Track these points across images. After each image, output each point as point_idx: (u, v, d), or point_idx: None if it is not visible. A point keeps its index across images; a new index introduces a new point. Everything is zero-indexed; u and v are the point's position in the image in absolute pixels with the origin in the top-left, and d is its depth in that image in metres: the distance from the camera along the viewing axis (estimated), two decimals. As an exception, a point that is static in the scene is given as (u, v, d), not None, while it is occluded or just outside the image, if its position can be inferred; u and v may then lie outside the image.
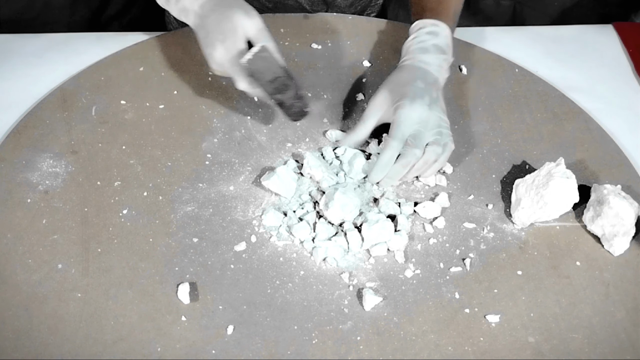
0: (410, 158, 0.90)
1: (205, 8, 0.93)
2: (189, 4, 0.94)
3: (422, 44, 0.99)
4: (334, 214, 0.88)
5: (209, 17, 0.92)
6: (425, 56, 0.98)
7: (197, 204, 0.91)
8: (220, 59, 0.91)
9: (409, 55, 0.99)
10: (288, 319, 0.81)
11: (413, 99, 0.92)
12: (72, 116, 1.00)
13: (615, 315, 0.83)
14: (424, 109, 0.91)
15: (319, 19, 1.18)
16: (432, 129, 0.92)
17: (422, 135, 0.91)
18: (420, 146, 0.90)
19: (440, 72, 0.97)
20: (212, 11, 0.92)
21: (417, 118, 0.91)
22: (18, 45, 1.14)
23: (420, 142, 0.91)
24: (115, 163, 0.95)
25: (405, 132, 0.91)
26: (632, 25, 1.28)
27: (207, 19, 0.92)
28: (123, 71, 1.07)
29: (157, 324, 0.80)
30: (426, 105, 0.92)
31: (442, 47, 0.99)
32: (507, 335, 0.81)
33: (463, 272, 0.86)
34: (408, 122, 0.91)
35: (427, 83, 0.95)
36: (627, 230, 0.89)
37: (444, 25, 1.01)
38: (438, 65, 0.97)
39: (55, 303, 0.80)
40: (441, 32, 1.00)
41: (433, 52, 0.98)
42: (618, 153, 1.01)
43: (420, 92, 0.93)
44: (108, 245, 0.86)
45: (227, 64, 0.91)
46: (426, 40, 0.99)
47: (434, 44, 0.99)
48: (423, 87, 0.94)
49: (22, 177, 0.92)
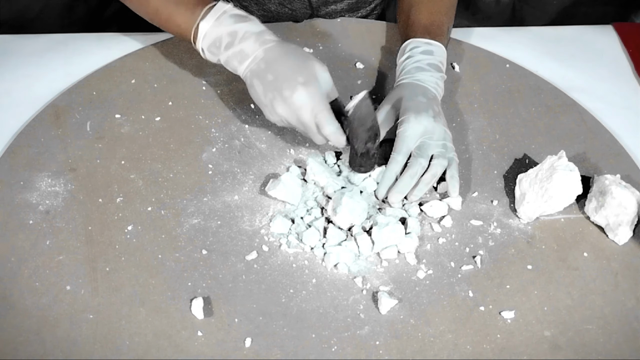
0: (416, 168, 0.90)
1: (272, 53, 0.89)
2: (250, 49, 0.89)
3: (418, 63, 0.99)
4: (343, 218, 0.87)
5: (281, 62, 0.88)
6: (422, 74, 0.98)
7: (203, 216, 0.90)
8: (301, 101, 0.86)
9: (406, 74, 0.99)
10: (305, 327, 0.80)
11: (418, 112, 0.92)
12: (67, 133, 0.98)
13: (626, 304, 0.84)
14: (430, 121, 0.92)
15: (309, 24, 1.17)
16: (437, 141, 0.92)
17: (427, 146, 0.91)
18: (425, 156, 0.91)
19: (437, 89, 0.98)
20: (283, 56, 0.88)
21: (422, 131, 0.92)
22: (18, 45, 1.12)
23: (425, 152, 0.91)
24: (115, 179, 0.93)
25: (409, 145, 0.91)
26: (632, 25, 1.29)
27: (277, 64, 0.88)
28: (115, 84, 1.05)
29: (173, 341, 0.78)
30: (431, 117, 0.93)
31: (437, 65, 1.00)
32: (523, 331, 0.81)
33: (474, 270, 0.87)
34: (413, 135, 0.91)
35: (429, 98, 0.96)
36: (630, 219, 0.90)
37: (437, 44, 1.01)
38: (435, 83, 0.98)
39: (67, 326, 0.79)
40: (435, 51, 1.01)
41: (429, 71, 0.98)
42: (614, 143, 1.02)
43: (424, 106, 0.94)
44: (116, 263, 0.84)
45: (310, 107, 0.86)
46: (422, 60, 0.99)
47: (430, 63, 0.99)
48: (425, 101, 0.95)
49: (20, 198, 0.90)
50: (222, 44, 0.91)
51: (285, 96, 0.86)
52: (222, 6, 0.92)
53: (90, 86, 1.04)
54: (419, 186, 0.91)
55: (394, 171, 0.91)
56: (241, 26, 0.90)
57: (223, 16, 0.91)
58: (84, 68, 1.07)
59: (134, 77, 1.06)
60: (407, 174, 0.90)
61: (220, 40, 0.91)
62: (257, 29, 0.91)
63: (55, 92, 1.03)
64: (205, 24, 0.91)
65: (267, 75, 0.88)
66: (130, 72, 1.07)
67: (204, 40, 0.92)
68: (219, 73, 1.07)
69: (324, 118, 0.87)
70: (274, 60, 0.88)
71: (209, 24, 0.91)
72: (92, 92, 1.04)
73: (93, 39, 1.13)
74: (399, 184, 0.90)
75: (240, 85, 1.05)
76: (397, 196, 0.91)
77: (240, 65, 0.90)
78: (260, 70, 0.88)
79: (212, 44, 0.91)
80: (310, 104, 0.86)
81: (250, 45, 0.89)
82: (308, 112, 0.86)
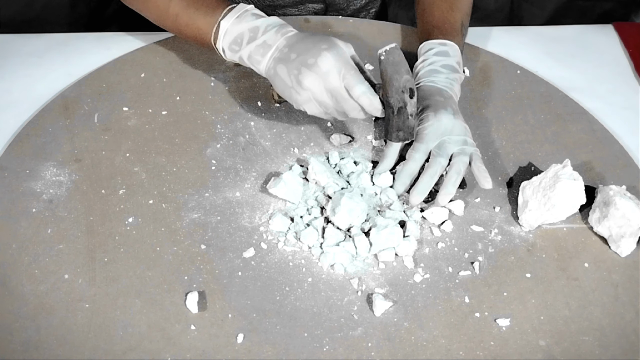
0: (436, 167, 0.90)
1: (294, 39, 0.89)
2: (273, 39, 0.89)
3: (432, 66, 0.99)
4: (342, 219, 0.87)
5: (301, 43, 0.87)
6: (437, 77, 0.98)
7: (204, 211, 0.90)
8: (329, 65, 0.84)
9: (420, 78, 0.99)
10: (298, 326, 0.80)
11: (436, 110, 0.92)
12: (75, 124, 0.99)
13: (624, 317, 0.83)
14: (449, 118, 0.92)
15: (320, 23, 1.17)
16: (457, 138, 0.91)
17: (446, 145, 0.91)
18: (445, 155, 0.90)
19: (453, 90, 0.98)
20: (305, 38, 0.88)
21: (442, 129, 0.91)
22: (18, 45, 1.13)
23: (444, 151, 0.90)
24: (119, 171, 0.94)
25: (429, 144, 0.91)
26: (632, 25, 1.28)
27: (298, 46, 0.87)
28: (124, 77, 1.06)
29: (166, 333, 0.79)
30: (450, 114, 0.92)
31: (452, 65, 0.99)
32: (518, 339, 0.81)
33: (472, 276, 0.86)
34: (432, 134, 0.91)
35: (445, 98, 0.95)
36: (634, 231, 0.89)
37: (451, 43, 1.01)
38: (450, 84, 0.98)
39: (62, 314, 0.80)
40: (450, 51, 1.00)
41: (444, 73, 0.98)
42: (622, 154, 1.01)
43: (442, 104, 0.94)
44: (114, 254, 0.85)
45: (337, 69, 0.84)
46: (436, 62, 0.99)
47: (444, 64, 0.99)
48: (443, 100, 0.94)
49: (25, 186, 0.91)
50: (244, 40, 0.91)
51: (310, 64, 0.85)
52: (243, 6, 0.93)
53: (101, 78, 1.06)
54: (447, 188, 0.89)
55: (412, 169, 0.90)
56: (262, 21, 0.91)
57: (244, 14, 0.92)
58: (84, 68, 1.08)
59: (144, 71, 1.07)
60: (427, 173, 0.89)
61: (242, 36, 0.91)
62: (278, 22, 0.91)
63: (55, 92, 1.04)
64: (226, 22, 0.92)
65: (290, 56, 0.87)
66: (140, 65, 1.08)
67: (225, 38, 0.92)
68: (228, 70, 1.08)
69: (352, 78, 0.84)
70: (295, 43, 0.88)
71: (229, 22, 0.92)
72: (102, 84, 1.05)
73: (93, 39, 1.14)
74: (419, 185, 0.89)
75: (248, 83, 1.06)
76: (418, 197, 0.90)
77: (264, 57, 0.89)
78: (284, 55, 0.88)
79: (233, 41, 0.92)
80: (336, 66, 0.84)
81: (273, 36, 0.89)
82: (335, 75, 0.84)
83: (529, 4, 1.59)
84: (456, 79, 0.99)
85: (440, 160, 0.90)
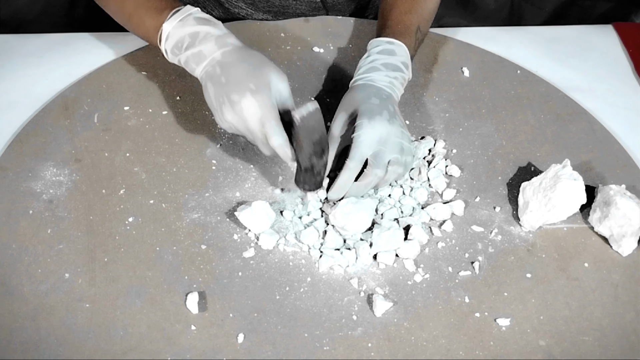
0: (371, 178, 0.88)
1: (229, 57, 0.87)
2: (209, 51, 0.88)
3: (372, 63, 0.97)
4: (344, 224, 0.87)
5: (236, 66, 0.86)
6: (375, 74, 0.95)
7: (204, 211, 0.90)
8: (249, 109, 0.83)
9: (359, 74, 0.97)
10: (298, 326, 0.80)
11: (371, 117, 0.89)
12: (75, 124, 0.99)
13: (624, 317, 0.83)
14: (384, 125, 0.89)
15: (320, 23, 1.17)
16: (393, 146, 0.89)
17: (383, 154, 0.88)
18: (381, 166, 0.88)
19: (393, 89, 0.95)
20: (240, 61, 0.87)
21: (377, 137, 0.88)
22: (18, 45, 1.13)
23: (381, 161, 0.88)
24: (119, 171, 0.94)
25: (364, 152, 0.88)
26: (632, 25, 1.28)
27: (232, 68, 0.86)
28: (124, 77, 1.06)
29: (166, 333, 0.79)
30: (386, 120, 0.89)
31: (395, 64, 0.97)
32: (518, 339, 0.81)
33: (472, 276, 0.86)
34: (368, 142, 0.88)
35: (382, 99, 0.93)
36: (634, 230, 0.89)
37: (399, 43, 0.98)
38: (389, 83, 0.95)
39: (62, 314, 0.80)
40: (396, 50, 0.98)
41: (383, 70, 0.96)
42: (622, 154, 1.01)
43: (377, 108, 0.91)
44: (114, 254, 0.85)
45: (258, 116, 0.84)
46: (377, 59, 0.97)
47: (385, 62, 0.96)
48: (378, 102, 0.92)
49: (25, 186, 0.91)
50: (184, 45, 0.90)
51: (234, 101, 0.84)
52: (188, 9, 0.92)
53: (101, 78, 1.06)
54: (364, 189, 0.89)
55: (348, 178, 0.88)
56: (203, 28, 0.90)
57: (187, 18, 0.91)
58: (84, 68, 1.08)
59: (145, 71, 1.07)
60: (361, 182, 0.88)
61: (182, 41, 0.90)
62: (218, 32, 0.90)
63: (55, 92, 1.04)
64: (168, 25, 0.91)
65: (220, 78, 0.86)
66: (140, 65, 1.08)
67: (167, 41, 0.92)
68: (228, 70, 1.08)
69: (271, 129, 0.83)
70: (229, 64, 0.87)
71: (171, 25, 0.91)
72: (102, 84, 1.05)
73: (93, 39, 1.14)
74: (351, 189, 0.89)
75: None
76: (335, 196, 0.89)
77: (198, 66, 0.89)
78: (215, 74, 0.87)
79: (174, 45, 0.91)
80: (258, 113, 0.83)
81: (209, 47, 0.88)
82: (256, 120, 0.84)
83: (529, 4, 1.59)
84: (397, 78, 0.96)
85: (377, 172, 0.88)
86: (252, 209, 0.86)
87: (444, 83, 1.09)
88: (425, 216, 0.91)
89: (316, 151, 0.85)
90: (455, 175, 0.96)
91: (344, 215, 0.87)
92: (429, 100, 1.06)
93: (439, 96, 1.07)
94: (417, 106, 1.06)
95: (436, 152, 0.99)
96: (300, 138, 0.84)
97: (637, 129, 1.06)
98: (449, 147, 1.00)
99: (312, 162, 0.85)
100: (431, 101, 1.06)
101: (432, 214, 0.91)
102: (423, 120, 1.04)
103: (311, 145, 0.84)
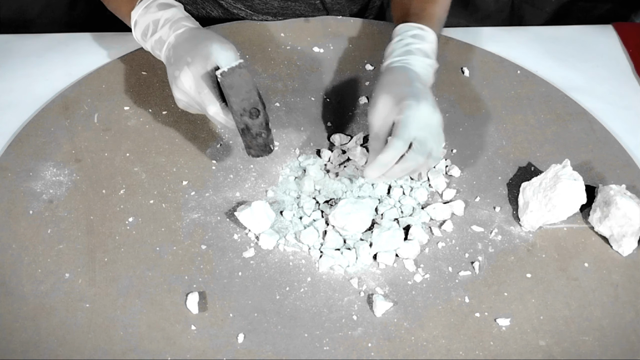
0: (411, 164, 0.85)
1: (180, 38, 0.90)
2: (165, 35, 0.91)
3: (407, 47, 0.95)
4: (343, 224, 0.87)
5: (182, 45, 0.88)
6: (412, 58, 0.93)
7: (204, 211, 0.90)
8: (186, 82, 0.84)
9: (396, 57, 0.94)
10: (298, 326, 0.80)
11: (419, 99, 0.86)
12: (75, 123, 0.99)
13: (625, 317, 0.83)
14: (431, 110, 0.86)
15: (320, 23, 1.17)
16: (437, 136, 0.87)
17: (427, 142, 0.86)
18: (424, 153, 0.85)
19: (428, 77, 0.94)
20: (186, 40, 0.89)
21: (425, 120, 0.85)
22: (18, 45, 1.13)
23: (425, 148, 0.85)
24: (119, 171, 0.94)
25: (412, 133, 0.84)
26: (632, 25, 1.28)
27: (178, 47, 0.88)
28: (125, 77, 1.06)
29: (166, 333, 0.79)
30: (432, 106, 0.87)
31: (427, 52, 0.95)
32: (518, 339, 0.81)
33: (472, 276, 0.86)
34: (415, 123, 0.85)
35: (423, 84, 0.91)
36: (635, 230, 0.89)
37: (429, 29, 0.97)
38: (425, 69, 0.94)
39: (62, 314, 0.80)
40: (427, 37, 0.96)
41: (419, 55, 0.94)
42: (622, 154, 1.01)
43: (423, 93, 0.88)
44: (114, 254, 0.85)
45: (194, 86, 0.84)
46: (412, 44, 0.95)
47: (419, 47, 0.95)
48: (422, 87, 0.89)
49: (25, 186, 0.91)
50: (149, 32, 0.93)
51: (175, 77, 0.86)
52: None
53: (101, 78, 1.06)
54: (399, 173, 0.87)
55: (392, 157, 0.84)
56: (162, 14, 0.92)
57: (151, 5, 0.93)
58: (84, 68, 1.08)
59: (145, 71, 1.07)
60: (400, 166, 0.85)
61: (147, 28, 0.93)
62: (175, 17, 0.92)
63: (55, 92, 1.04)
64: (135, 13, 0.94)
65: (170, 60, 0.89)
66: (141, 65, 1.08)
67: (136, 28, 0.95)
68: (228, 70, 1.08)
69: (204, 97, 0.84)
70: (177, 45, 0.89)
71: (137, 13, 0.94)
72: (102, 84, 1.05)
73: (93, 39, 1.14)
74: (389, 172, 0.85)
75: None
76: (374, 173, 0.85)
77: (161, 52, 0.92)
78: (169, 56, 0.90)
79: (142, 32, 0.94)
80: (193, 84, 0.84)
81: (166, 32, 0.91)
82: (194, 91, 0.84)
83: (529, 5, 1.59)
84: (431, 65, 0.95)
85: (419, 159, 0.85)
86: (252, 209, 0.86)
87: (444, 83, 1.09)
88: (425, 216, 0.91)
89: (246, 110, 0.82)
90: (455, 175, 0.96)
91: (344, 215, 0.87)
92: (429, 100, 1.06)
93: (439, 96, 1.07)
94: (417, 106, 1.05)
95: (436, 152, 0.99)
96: (227, 98, 0.82)
97: (637, 129, 1.06)
98: (449, 147, 1.00)
99: (246, 122, 0.83)
100: (431, 101, 1.06)
101: (432, 214, 0.91)
102: (423, 120, 1.04)
103: (239, 103, 0.82)
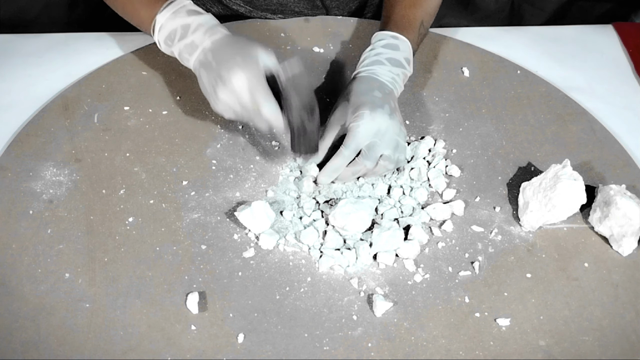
0: (359, 168, 0.91)
1: (219, 43, 0.90)
2: (199, 40, 0.91)
3: (377, 57, 0.98)
4: (343, 224, 0.87)
5: (223, 49, 0.88)
6: (379, 68, 0.96)
7: (204, 211, 0.90)
8: (238, 83, 0.85)
9: (364, 67, 0.98)
10: (298, 326, 0.80)
11: (373, 109, 0.90)
12: (75, 124, 0.99)
13: (625, 317, 0.83)
14: (385, 119, 0.90)
15: (320, 23, 1.17)
16: (388, 142, 0.90)
17: (376, 147, 0.90)
18: (373, 158, 0.90)
19: (395, 85, 0.97)
20: (227, 45, 0.89)
21: (375, 129, 0.89)
22: (18, 45, 1.13)
23: (373, 154, 0.90)
24: (119, 171, 0.94)
25: (360, 142, 0.89)
26: (632, 25, 1.28)
27: (220, 51, 0.88)
28: (125, 77, 1.06)
29: (166, 333, 0.79)
30: (387, 114, 0.91)
31: (398, 60, 0.98)
32: (518, 339, 0.81)
33: (472, 276, 0.86)
34: (365, 133, 0.89)
35: (384, 93, 0.94)
36: (635, 230, 0.89)
37: (403, 38, 0.99)
38: (392, 78, 0.96)
39: (63, 314, 0.80)
40: (400, 45, 0.99)
41: (387, 65, 0.97)
42: (622, 154, 1.01)
43: (380, 101, 0.92)
44: (114, 254, 0.85)
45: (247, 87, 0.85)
46: (381, 53, 0.98)
47: (389, 57, 0.97)
48: (381, 96, 0.93)
49: (25, 186, 0.91)
50: (177, 36, 0.93)
51: (224, 77, 0.86)
52: (181, 1, 0.95)
53: (101, 78, 1.06)
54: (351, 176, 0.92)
55: (340, 164, 0.90)
56: (195, 19, 0.93)
57: (180, 10, 0.94)
58: (84, 68, 1.08)
59: (145, 71, 1.07)
60: (350, 169, 0.91)
61: (175, 32, 0.93)
62: (209, 23, 0.93)
63: (55, 92, 1.04)
64: (161, 17, 0.94)
65: (212, 63, 0.88)
66: (141, 65, 1.08)
67: (160, 32, 0.95)
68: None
69: (261, 97, 0.85)
70: (218, 49, 0.89)
71: (165, 17, 0.94)
72: (102, 84, 1.05)
73: (93, 39, 1.14)
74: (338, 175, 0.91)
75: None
76: (326, 179, 0.92)
77: (191, 57, 0.92)
78: (206, 60, 0.89)
79: (167, 36, 0.94)
80: (247, 84, 0.85)
81: (200, 37, 0.91)
82: (246, 92, 0.85)
83: (529, 5, 1.59)
84: (400, 74, 0.97)
85: (367, 164, 0.90)
86: (252, 209, 0.86)
87: (444, 83, 1.09)
88: (425, 216, 0.91)
89: (307, 111, 0.85)
90: (455, 175, 0.96)
91: (344, 215, 0.87)
92: (429, 100, 1.06)
93: (439, 96, 1.07)
94: (417, 106, 1.06)
95: (436, 152, 0.99)
96: (289, 99, 0.84)
97: (637, 129, 1.06)
98: (449, 147, 1.00)
99: (304, 122, 0.85)
100: (431, 101, 1.06)
101: (432, 214, 0.91)
102: (423, 120, 1.04)
103: (301, 104, 0.84)
